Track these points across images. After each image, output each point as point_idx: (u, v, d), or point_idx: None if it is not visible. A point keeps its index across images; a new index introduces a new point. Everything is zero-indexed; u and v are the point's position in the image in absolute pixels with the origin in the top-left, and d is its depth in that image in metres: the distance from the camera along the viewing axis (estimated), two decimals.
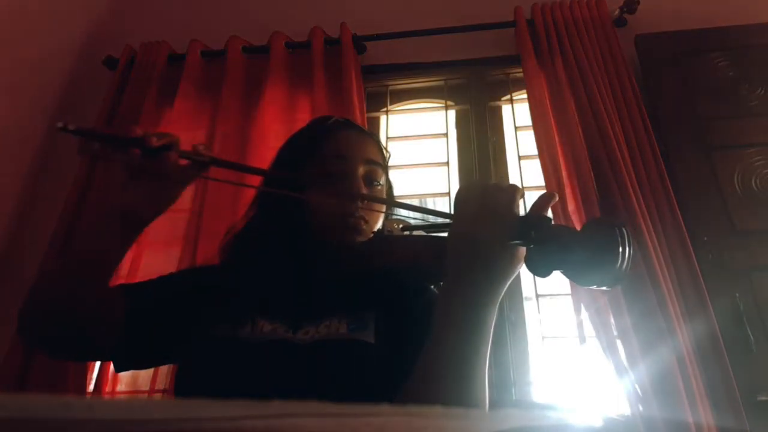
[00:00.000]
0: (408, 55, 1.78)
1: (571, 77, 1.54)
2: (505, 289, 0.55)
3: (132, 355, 0.74)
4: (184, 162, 0.67)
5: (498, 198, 0.55)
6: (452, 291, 0.56)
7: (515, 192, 0.56)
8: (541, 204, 0.56)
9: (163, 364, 0.79)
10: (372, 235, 0.74)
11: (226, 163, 0.73)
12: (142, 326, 0.72)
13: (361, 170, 0.79)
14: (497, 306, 0.55)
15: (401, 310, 0.72)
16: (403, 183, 1.67)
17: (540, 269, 0.51)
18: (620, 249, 0.46)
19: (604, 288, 0.50)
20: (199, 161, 0.67)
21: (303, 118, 1.62)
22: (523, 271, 0.57)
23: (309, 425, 0.18)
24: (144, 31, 1.91)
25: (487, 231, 0.54)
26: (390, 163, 1.75)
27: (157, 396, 1.33)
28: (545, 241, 0.52)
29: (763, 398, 1.15)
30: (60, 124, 0.58)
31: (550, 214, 0.57)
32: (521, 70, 1.62)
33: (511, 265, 0.55)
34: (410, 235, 0.68)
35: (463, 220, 0.56)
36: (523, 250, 0.55)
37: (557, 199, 0.57)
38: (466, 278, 0.55)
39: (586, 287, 0.50)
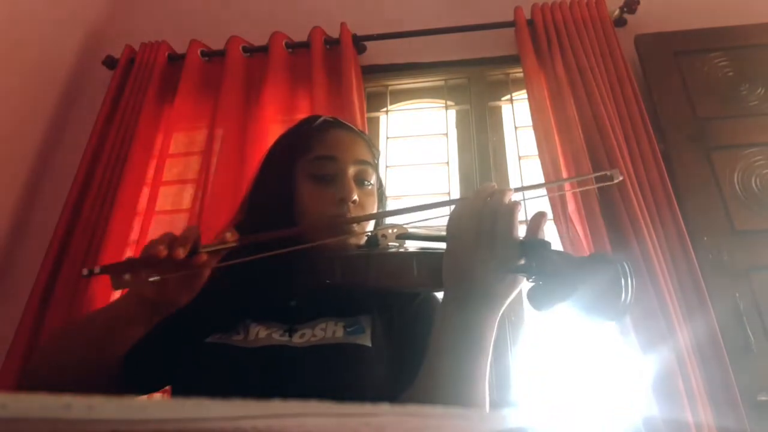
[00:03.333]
0: (408, 55, 1.78)
1: (571, 77, 1.54)
2: (504, 307, 0.54)
3: (134, 387, 0.73)
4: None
5: (496, 224, 0.52)
6: (449, 312, 0.55)
7: (514, 212, 0.53)
8: (535, 226, 0.54)
9: (169, 383, 0.77)
10: (365, 239, 0.73)
11: (254, 239, 0.69)
12: (140, 360, 0.71)
13: (351, 171, 0.78)
14: (497, 322, 0.54)
15: (397, 312, 0.72)
16: (403, 183, 1.67)
17: (542, 306, 0.50)
18: (624, 289, 0.46)
19: (608, 322, 0.49)
20: (228, 248, 0.64)
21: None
22: None
23: (309, 425, 0.18)
24: (144, 31, 1.91)
25: (485, 260, 0.52)
26: (390, 163, 1.76)
27: (157, 396, 1.32)
28: (547, 274, 0.50)
29: (763, 398, 1.15)
30: (85, 272, 0.57)
31: (550, 215, 0.57)
32: (521, 70, 1.62)
33: (510, 288, 0.53)
34: (405, 253, 0.65)
35: (459, 246, 0.54)
36: (521, 277, 0.54)
37: (549, 217, 0.56)
38: (463, 302, 0.54)
39: (587, 320, 0.50)
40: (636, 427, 1.13)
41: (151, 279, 0.60)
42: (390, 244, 0.68)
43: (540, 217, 0.55)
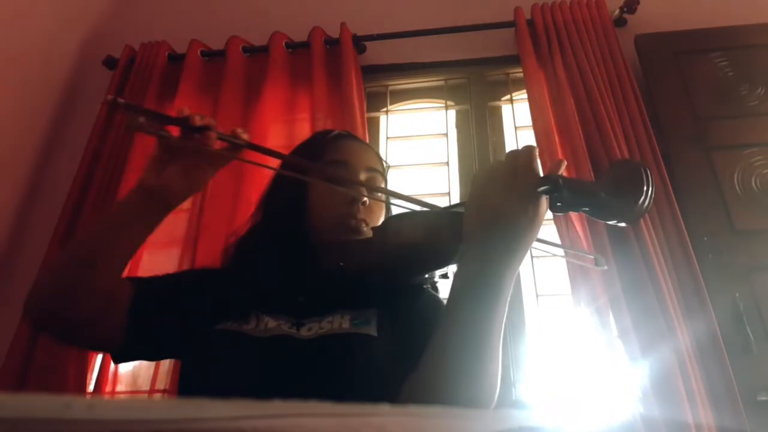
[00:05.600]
0: (408, 55, 1.78)
1: (571, 77, 1.54)
2: (523, 257, 0.56)
3: (131, 346, 0.74)
4: (221, 144, 0.70)
5: (517, 159, 0.56)
6: (469, 265, 0.56)
7: (533, 149, 0.56)
8: (554, 167, 0.58)
9: (162, 358, 0.79)
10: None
11: (261, 149, 0.75)
12: (144, 318, 0.73)
13: (362, 177, 0.82)
14: (515, 276, 0.55)
15: (402, 307, 0.74)
16: (403, 183, 1.67)
17: (568, 207, 0.53)
18: (645, 187, 0.50)
19: (623, 224, 0.53)
20: (235, 144, 0.70)
21: (303, 118, 1.62)
22: (524, 272, 0.58)
23: (309, 425, 0.18)
24: (144, 31, 1.92)
25: (508, 193, 0.54)
26: (390, 163, 1.75)
27: (157, 396, 1.33)
28: (573, 185, 0.53)
29: (763, 398, 1.15)
30: (109, 97, 0.62)
31: (551, 216, 0.57)
32: (521, 70, 1.62)
33: (530, 225, 0.54)
34: (420, 211, 0.67)
35: (482, 189, 0.56)
36: (543, 210, 0.55)
37: (566, 164, 0.60)
38: (484, 252, 0.54)
39: (607, 222, 0.57)
40: (636, 427, 1.13)
41: (161, 132, 0.65)
42: None
43: (559, 163, 0.59)
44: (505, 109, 1.75)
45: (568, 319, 1.33)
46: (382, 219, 0.83)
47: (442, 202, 1.61)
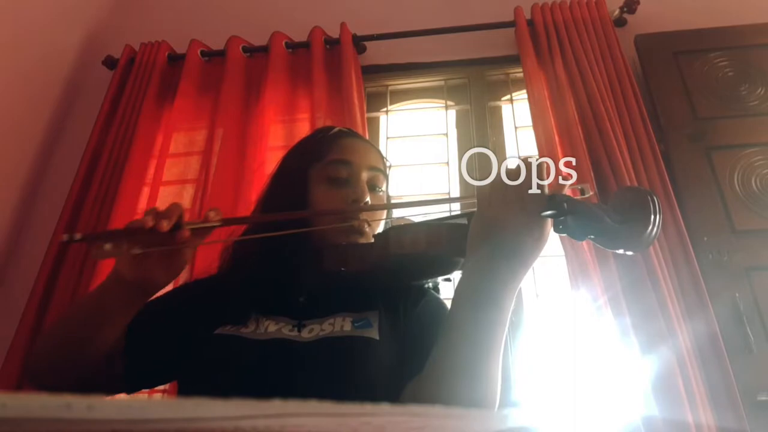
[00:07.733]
0: (408, 55, 1.78)
1: (571, 77, 1.54)
2: (525, 274, 0.56)
3: (135, 380, 0.74)
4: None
5: (525, 177, 0.55)
6: (472, 276, 0.56)
7: (542, 166, 0.56)
8: (562, 188, 0.57)
9: (174, 379, 0.77)
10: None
11: (236, 220, 0.73)
12: (145, 351, 0.72)
13: (364, 176, 0.81)
14: (517, 289, 0.56)
15: (404, 309, 0.74)
16: (403, 183, 1.67)
17: (575, 233, 0.53)
18: (653, 216, 0.50)
19: (630, 253, 0.52)
20: (209, 228, 0.65)
21: (303, 118, 1.62)
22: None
23: (309, 425, 0.18)
24: (144, 31, 1.91)
25: (515, 212, 0.54)
26: (390, 163, 1.75)
27: (157, 396, 1.33)
28: (579, 210, 0.52)
29: (763, 398, 1.15)
30: (65, 237, 0.57)
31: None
32: (521, 70, 1.62)
33: (536, 244, 0.54)
34: (422, 222, 0.66)
35: (489, 203, 0.56)
36: (548, 230, 0.55)
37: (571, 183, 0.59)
38: (487, 264, 0.55)
39: (614, 251, 0.55)
40: (636, 427, 1.13)
41: (132, 251, 0.59)
42: None
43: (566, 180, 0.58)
44: (505, 109, 1.75)
45: (568, 320, 1.33)
46: (383, 221, 0.83)
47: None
